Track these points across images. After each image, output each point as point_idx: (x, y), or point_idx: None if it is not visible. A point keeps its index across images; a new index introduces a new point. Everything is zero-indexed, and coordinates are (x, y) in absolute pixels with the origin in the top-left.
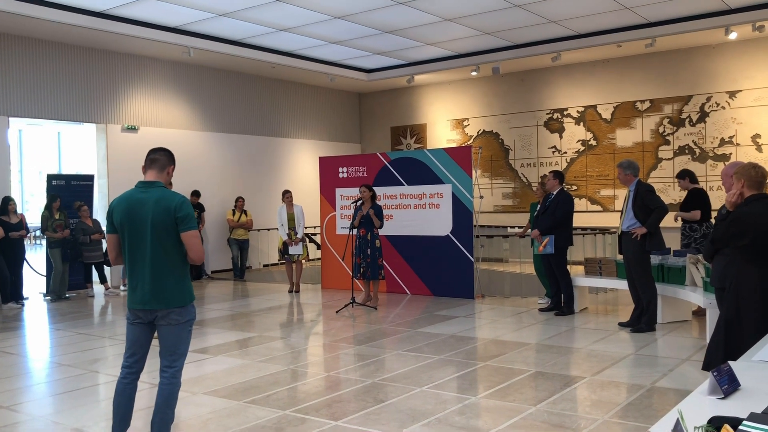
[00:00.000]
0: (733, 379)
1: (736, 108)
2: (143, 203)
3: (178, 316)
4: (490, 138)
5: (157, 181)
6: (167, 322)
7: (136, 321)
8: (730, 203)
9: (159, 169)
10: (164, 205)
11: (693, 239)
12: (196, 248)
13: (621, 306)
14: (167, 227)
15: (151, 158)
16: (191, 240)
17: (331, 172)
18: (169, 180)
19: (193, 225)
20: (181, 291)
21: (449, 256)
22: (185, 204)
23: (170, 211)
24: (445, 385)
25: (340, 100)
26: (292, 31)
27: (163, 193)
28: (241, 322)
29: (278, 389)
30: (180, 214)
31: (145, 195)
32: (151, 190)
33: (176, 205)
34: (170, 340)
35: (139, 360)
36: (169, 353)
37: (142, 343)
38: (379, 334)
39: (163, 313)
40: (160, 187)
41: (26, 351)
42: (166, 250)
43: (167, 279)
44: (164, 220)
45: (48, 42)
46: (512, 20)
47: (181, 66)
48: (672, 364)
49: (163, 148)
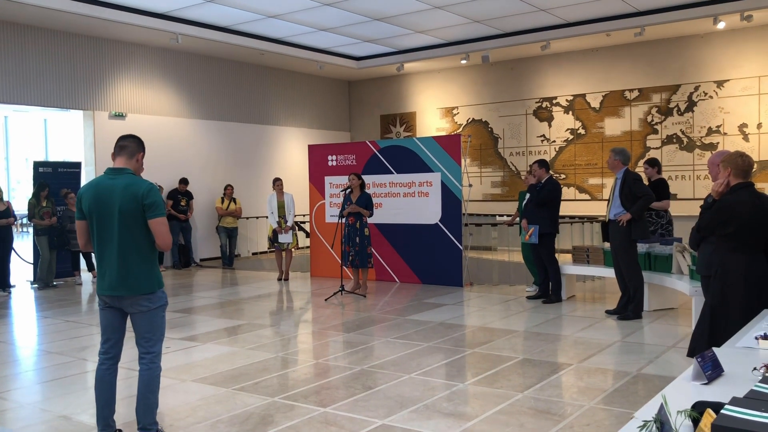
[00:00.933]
0: (716, 365)
1: (723, 97)
2: (111, 190)
3: (148, 302)
4: (480, 126)
5: (126, 168)
6: (137, 310)
7: (106, 306)
8: (716, 192)
9: (128, 156)
10: (132, 191)
11: (660, 225)
12: (163, 235)
13: (608, 294)
14: (134, 214)
15: (120, 145)
16: (158, 227)
17: (320, 160)
18: (139, 167)
19: (161, 212)
20: (149, 278)
21: (438, 244)
22: (153, 191)
23: (137, 198)
24: (433, 372)
25: (330, 88)
26: (281, 17)
27: (131, 180)
28: (230, 309)
29: (267, 376)
30: (147, 200)
31: (113, 181)
32: (120, 177)
33: (144, 191)
34: (144, 327)
35: (115, 345)
36: (144, 340)
37: (116, 327)
38: (368, 322)
39: (131, 300)
40: (128, 174)
41: (13, 339)
42: (133, 237)
43: (135, 265)
44: (132, 206)
45: (35, 27)
46: (502, 8)
47: (170, 53)
48: (658, 351)
49: (132, 135)
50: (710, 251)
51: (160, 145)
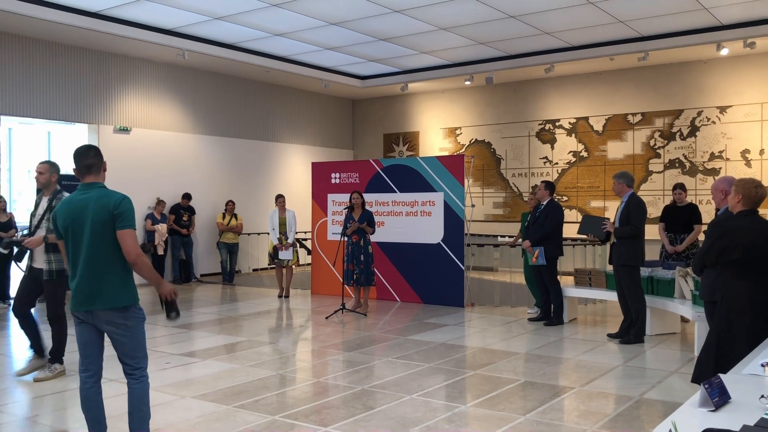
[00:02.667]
0: (723, 392)
1: (726, 123)
2: (85, 203)
3: (124, 320)
4: (482, 147)
5: (97, 182)
6: (114, 328)
7: (80, 322)
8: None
9: (96, 173)
10: (103, 202)
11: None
12: (130, 248)
13: (610, 317)
14: (106, 225)
15: (86, 165)
16: (125, 238)
17: (323, 177)
18: (104, 178)
19: (129, 224)
20: (123, 291)
21: (440, 264)
22: (124, 201)
23: (108, 208)
24: (434, 393)
25: (334, 106)
26: (287, 36)
27: (103, 192)
28: (230, 326)
29: (267, 394)
30: (117, 210)
31: (86, 196)
32: (92, 191)
33: (115, 201)
34: (126, 346)
35: (94, 361)
36: (128, 358)
37: (92, 341)
38: (368, 341)
39: (106, 316)
40: (100, 187)
41: (11, 351)
42: (106, 249)
43: (106, 278)
44: (103, 217)
45: (42, 41)
46: (507, 31)
47: (175, 68)
48: (660, 376)
49: (88, 147)
50: (714, 277)
51: (163, 160)
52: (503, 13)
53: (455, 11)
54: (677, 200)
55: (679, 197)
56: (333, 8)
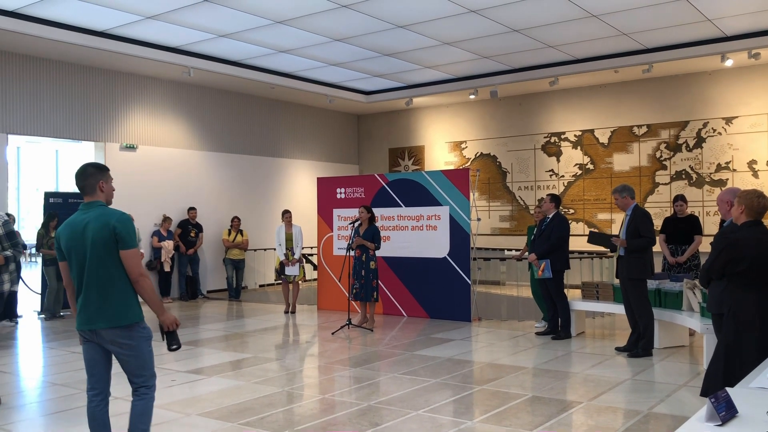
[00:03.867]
0: (730, 406)
1: (732, 134)
2: (84, 224)
3: (128, 339)
4: (488, 161)
5: (96, 200)
6: (119, 348)
7: (86, 341)
8: None
9: (91, 192)
10: (103, 221)
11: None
12: (134, 268)
13: (618, 330)
14: (106, 243)
15: (80, 186)
16: (127, 259)
17: (329, 192)
18: (106, 195)
19: (131, 243)
20: (126, 309)
21: (446, 278)
22: (123, 221)
23: (108, 226)
24: (441, 409)
25: (339, 122)
26: (291, 52)
27: (102, 211)
28: (236, 342)
29: (273, 411)
30: (118, 230)
31: (85, 215)
32: (91, 210)
33: (115, 221)
34: (132, 365)
35: (100, 379)
36: (135, 376)
37: (98, 360)
38: (374, 357)
39: (111, 335)
40: (99, 205)
41: (19, 370)
42: (106, 267)
43: (109, 297)
44: (103, 235)
45: (48, 60)
46: (511, 44)
47: (181, 86)
48: (669, 390)
49: (87, 166)
50: (721, 289)
51: (169, 177)
52: (507, 27)
53: (459, 26)
54: (678, 212)
55: (680, 209)
56: (337, 24)
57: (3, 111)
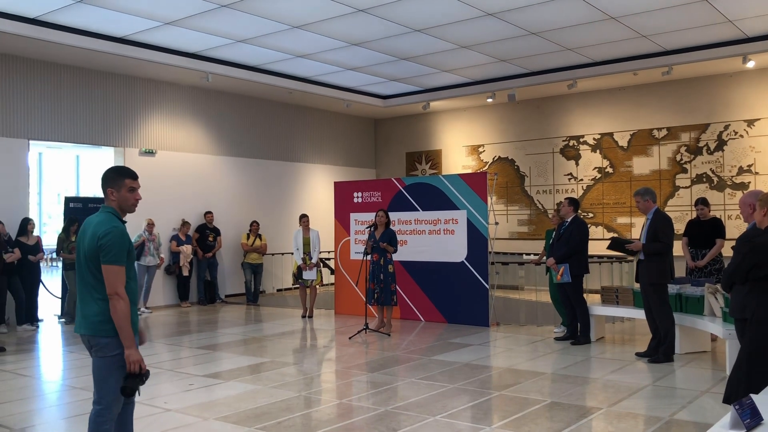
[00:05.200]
0: (755, 413)
1: (754, 136)
2: (89, 226)
3: (105, 348)
4: (506, 164)
5: (107, 206)
6: (95, 353)
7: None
8: None
9: (105, 197)
10: (94, 230)
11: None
12: (109, 285)
13: (638, 336)
14: (92, 253)
15: (102, 189)
16: (106, 274)
17: (346, 197)
18: (119, 200)
19: (111, 259)
20: (107, 320)
21: (464, 282)
22: (110, 234)
23: (95, 238)
24: (458, 415)
25: (356, 126)
26: (309, 57)
27: (102, 218)
28: (254, 346)
29: (290, 416)
30: (101, 242)
31: (94, 218)
32: (99, 215)
33: (102, 232)
34: (97, 373)
35: None
36: (96, 388)
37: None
38: (392, 362)
39: (93, 341)
40: (107, 212)
41: (39, 373)
42: (92, 275)
43: (94, 305)
44: (91, 245)
45: (69, 67)
46: (528, 48)
47: (200, 91)
48: (691, 396)
49: (105, 172)
50: (744, 293)
51: (188, 182)
52: (525, 30)
53: (476, 29)
54: (700, 215)
55: (702, 212)
56: (354, 29)
57: (25, 117)
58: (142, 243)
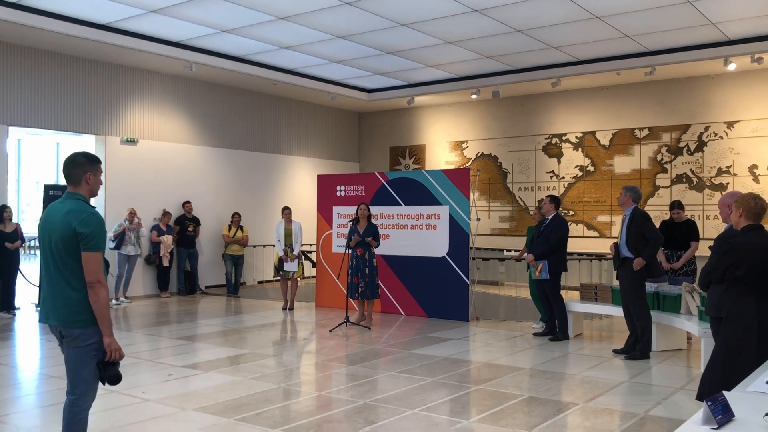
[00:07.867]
0: (727, 410)
1: (733, 138)
2: (57, 213)
3: (78, 339)
4: (489, 161)
5: (77, 193)
6: (68, 343)
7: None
8: None
9: (75, 183)
10: (70, 218)
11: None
12: (91, 272)
13: (616, 333)
14: (67, 242)
15: (65, 174)
16: (87, 262)
17: (329, 190)
18: (91, 188)
19: (94, 245)
20: (82, 310)
21: (445, 277)
22: (90, 220)
23: (72, 226)
24: (437, 408)
25: (340, 119)
26: (294, 49)
27: (75, 206)
28: (233, 338)
29: (269, 407)
30: (81, 230)
31: (61, 205)
32: (68, 202)
33: (81, 220)
34: (71, 364)
35: None
36: (70, 378)
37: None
38: (372, 355)
39: (66, 332)
40: (77, 199)
41: (15, 362)
42: (66, 265)
43: (67, 295)
44: (66, 233)
45: (50, 53)
46: (513, 45)
47: (183, 80)
48: (666, 393)
49: (77, 155)
50: (720, 292)
51: (170, 172)
52: (510, 27)
53: (462, 25)
54: (675, 218)
55: (678, 216)
56: (340, 21)
57: (4, 102)
58: (123, 232)
